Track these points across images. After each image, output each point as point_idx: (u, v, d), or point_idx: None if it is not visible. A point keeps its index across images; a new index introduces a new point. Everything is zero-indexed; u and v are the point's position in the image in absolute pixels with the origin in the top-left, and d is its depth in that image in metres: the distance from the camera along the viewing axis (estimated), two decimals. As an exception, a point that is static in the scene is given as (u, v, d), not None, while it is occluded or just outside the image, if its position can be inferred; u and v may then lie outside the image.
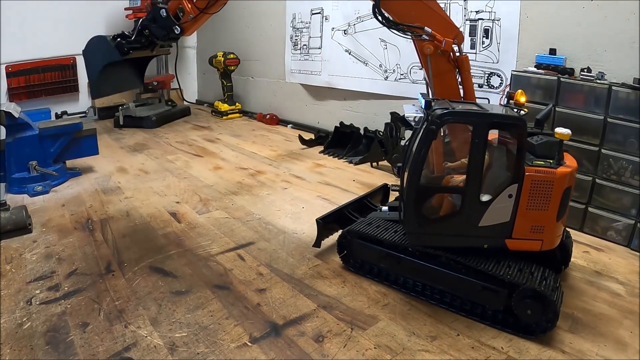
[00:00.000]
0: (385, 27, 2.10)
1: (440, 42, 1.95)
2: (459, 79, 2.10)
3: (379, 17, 2.03)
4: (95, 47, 2.39)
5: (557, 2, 2.84)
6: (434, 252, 1.85)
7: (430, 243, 1.88)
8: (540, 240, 1.76)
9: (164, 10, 2.41)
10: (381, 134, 3.72)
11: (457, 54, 2.05)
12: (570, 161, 1.79)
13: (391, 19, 2.04)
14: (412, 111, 1.93)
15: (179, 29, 2.45)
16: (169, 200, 3.04)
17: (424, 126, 1.75)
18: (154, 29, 2.43)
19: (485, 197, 1.75)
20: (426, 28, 1.97)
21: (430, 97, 2.03)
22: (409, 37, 2.06)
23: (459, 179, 1.84)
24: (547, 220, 1.74)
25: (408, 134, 2.09)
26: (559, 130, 1.71)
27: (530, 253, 1.79)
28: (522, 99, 1.89)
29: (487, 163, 1.76)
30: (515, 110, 1.82)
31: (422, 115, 1.84)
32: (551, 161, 1.74)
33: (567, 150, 1.86)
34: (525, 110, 1.84)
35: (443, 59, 1.99)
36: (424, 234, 1.88)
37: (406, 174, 1.83)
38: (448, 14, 3.48)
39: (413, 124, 1.89)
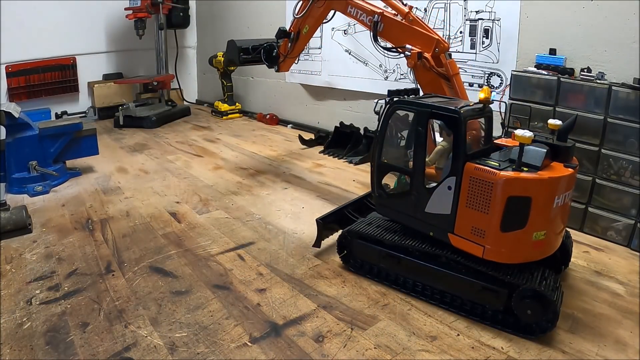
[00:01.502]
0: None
1: (414, 55, 2.27)
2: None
3: (378, 45, 2.48)
4: (230, 47, 3.44)
5: (557, 2, 2.84)
6: (433, 252, 1.86)
7: (389, 216, 2.09)
8: (481, 246, 1.70)
9: (276, 50, 3.18)
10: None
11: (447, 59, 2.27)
12: (551, 171, 1.66)
13: (387, 45, 2.46)
14: (380, 102, 2.06)
15: (277, 67, 3.23)
16: (169, 200, 3.04)
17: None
18: (265, 58, 3.21)
19: (431, 184, 1.84)
20: (407, 46, 2.31)
21: None
22: (402, 56, 2.38)
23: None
24: (488, 225, 1.67)
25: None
26: (519, 132, 1.61)
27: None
28: (481, 95, 1.82)
29: (448, 151, 1.82)
30: (477, 105, 1.81)
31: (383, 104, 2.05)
32: (514, 166, 1.65)
33: (574, 168, 1.72)
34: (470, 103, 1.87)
35: (424, 69, 2.25)
36: (384, 206, 2.07)
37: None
38: (448, 14, 3.49)
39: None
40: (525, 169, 1.64)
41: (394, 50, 2.41)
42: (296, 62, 3.25)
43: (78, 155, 3.52)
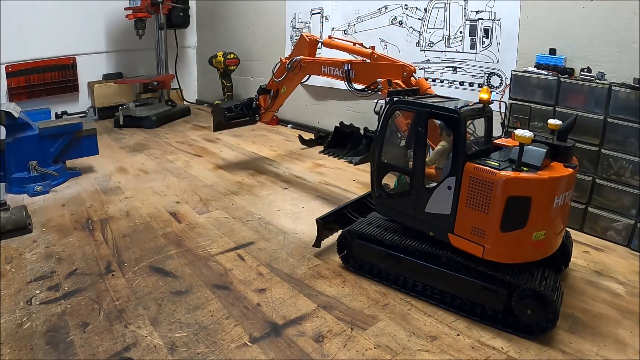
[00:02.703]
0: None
1: (385, 83, 2.44)
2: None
3: (354, 90, 2.69)
4: (216, 110, 3.66)
5: (557, 2, 2.84)
6: (433, 252, 1.86)
7: (389, 216, 2.09)
8: (481, 246, 1.70)
9: (255, 102, 3.48)
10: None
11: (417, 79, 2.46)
12: (550, 171, 1.66)
13: (360, 87, 2.66)
14: (380, 102, 2.11)
15: (258, 117, 3.59)
16: (169, 200, 3.04)
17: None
18: (247, 111, 3.51)
19: (431, 184, 1.85)
20: (378, 80, 2.48)
21: None
22: (375, 91, 2.56)
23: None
24: (488, 225, 1.67)
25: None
26: (519, 132, 1.61)
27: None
28: (482, 95, 1.82)
29: (448, 151, 1.84)
30: (477, 104, 1.82)
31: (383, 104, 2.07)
32: (514, 166, 1.65)
33: (574, 168, 1.72)
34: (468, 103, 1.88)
35: None
36: (384, 205, 2.07)
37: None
38: (448, 14, 3.49)
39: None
40: (525, 169, 1.64)
41: (368, 89, 2.61)
42: (276, 112, 3.62)
43: (78, 155, 3.52)
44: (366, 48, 2.82)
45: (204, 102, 6.70)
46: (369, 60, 2.73)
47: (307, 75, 3.19)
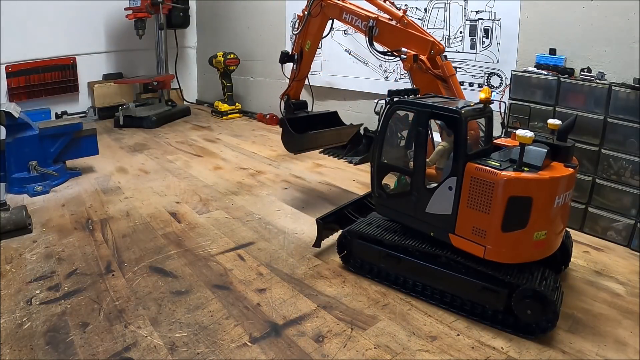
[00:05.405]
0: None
1: (410, 58, 2.27)
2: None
3: (374, 50, 2.51)
4: (283, 125, 3.01)
5: (557, 2, 2.84)
6: (433, 252, 1.86)
7: (389, 216, 2.09)
8: (482, 246, 1.70)
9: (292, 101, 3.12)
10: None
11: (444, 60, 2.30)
12: (551, 171, 1.67)
13: (382, 49, 2.49)
14: (380, 102, 2.08)
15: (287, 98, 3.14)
16: (169, 200, 3.04)
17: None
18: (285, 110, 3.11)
19: (431, 184, 1.85)
20: (403, 49, 2.32)
21: None
22: (398, 59, 2.40)
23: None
24: (489, 225, 1.67)
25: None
26: (520, 132, 1.62)
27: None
28: (482, 95, 1.82)
29: (448, 152, 1.84)
30: (477, 105, 1.81)
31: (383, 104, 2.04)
32: (514, 166, 1.65)
33: (575, 168, 1.72)
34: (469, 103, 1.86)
35: (420, 72, 2.27)
36: (384, 205, 2.07)
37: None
38: (448, 14, 3.49)
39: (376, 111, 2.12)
40: (526, 169, 1.64)
41: (390, 54, 2.44)
42: (304, 81, 3.19)
43: (78, 155, 3.51)
44: (397, 9, 2.53)
45: (204, 102, 6.70)
46: (396, 23, 2.44)
47: (330, 24, 2.88)
